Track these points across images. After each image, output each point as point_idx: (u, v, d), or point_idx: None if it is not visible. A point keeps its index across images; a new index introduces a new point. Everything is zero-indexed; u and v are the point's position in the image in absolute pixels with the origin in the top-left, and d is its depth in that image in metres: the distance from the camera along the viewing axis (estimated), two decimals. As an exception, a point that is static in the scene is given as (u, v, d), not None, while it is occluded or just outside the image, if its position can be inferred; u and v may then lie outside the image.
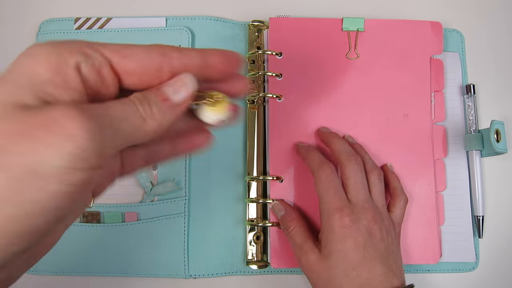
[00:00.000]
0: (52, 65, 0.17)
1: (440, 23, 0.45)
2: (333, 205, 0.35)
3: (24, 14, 0.49)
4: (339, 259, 0.34)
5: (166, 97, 0.19)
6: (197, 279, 0.43)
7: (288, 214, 0.39)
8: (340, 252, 0.34)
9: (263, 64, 0.44)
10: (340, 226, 0.34)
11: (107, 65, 0.18)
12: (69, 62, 0.17)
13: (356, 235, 0.34)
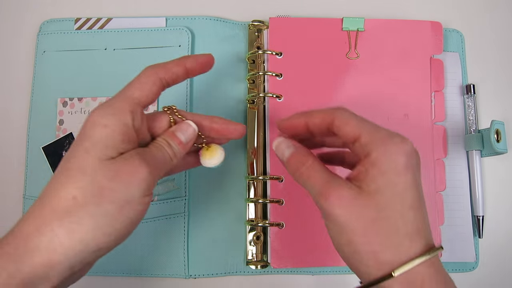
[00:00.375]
0: (123, 132, 0.25)
1: (440, 23, 0.45)
2: (385, 130, 0.27)
3: (24, 14, 0.49)
4: (395, 195, 0.25)
5: (180, 141, 0.29)
6: (197, 279, 0.43)
7: (299, 150, 0.29)
8: (397, 188, 0.25)
9: (263, 64, 0.44)
10: (401, 151, 0.26)
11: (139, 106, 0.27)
12: (129, 124, 0.26)
13: (416, 170, 0.26)
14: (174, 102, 0.44)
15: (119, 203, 0.24)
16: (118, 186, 0.24)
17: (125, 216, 0.24)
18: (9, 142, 0.46)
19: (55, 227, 0.23)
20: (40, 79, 0.46)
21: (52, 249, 0.22)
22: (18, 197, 0.45)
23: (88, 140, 0.25)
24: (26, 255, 0.22)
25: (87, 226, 0.23)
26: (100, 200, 0.23)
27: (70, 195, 0.23)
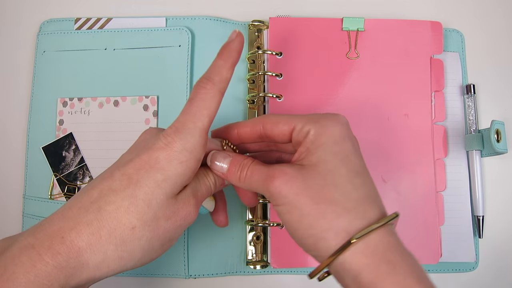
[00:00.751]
0: (194, 168, 0.26)
1: (440, 23, 0.45)
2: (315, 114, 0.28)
3: (24, 14, 0.49)
4: (338, 162, 0.25)
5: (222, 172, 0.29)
6: (197, 279, 0.43)
7: (236, 156, 0.29)
8: (338, 155, 0.25)
9: (263, 64, 0.44)
10: (337, 123, 0.26)
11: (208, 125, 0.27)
12: (201, 160, 0.26)
13: (353, 138, 0.27)
14: (174, 102, 0.44)
15: (164, 241, 0.25)
16: (172, 227, 0.25)
17: (161, 250, 0.26)
18: (9, 142, 0.46)
19: (109, 252, 0.23)
20: (40, 79, 0.46)
21: (99, 268, 0.23)
22: (18, 197, 0.45)
23: (161, 173, 0.24)
24: (77, 270, 0.23)
25: (134, 256, 0.24)
26: (152, 236, 0.24)
27: (131, 225, 0.24)
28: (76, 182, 0.44)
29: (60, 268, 0.22)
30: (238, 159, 0.28)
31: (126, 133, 0.44)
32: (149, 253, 0.25)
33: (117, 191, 0.24)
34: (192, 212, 0.26)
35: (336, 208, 0.24)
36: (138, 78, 0.45)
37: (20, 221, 0.44)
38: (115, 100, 0.45)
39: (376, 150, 0.43)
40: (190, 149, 0.25)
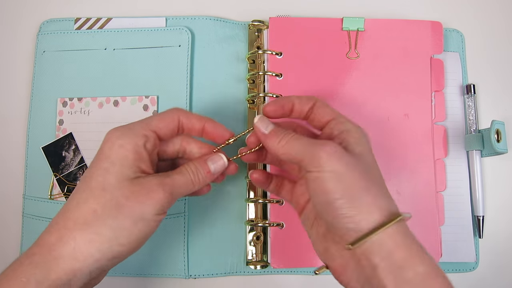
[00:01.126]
0: (135, 151, 0.28)
1: (440, 23, 0.45)
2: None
3: (24, 14, 0.49)
4: (373, 163, 0.30)
5: (209, 170, 0.32)
6: (197, 279, 0.43)
7: (279, 126, 0.32)
8: (372, 159, 0.30)
9: (263, 64, 0.44)
10: (367, 137, 0.31)
11: (154, 133, 0.30)
12: (141, 145, 0.29)
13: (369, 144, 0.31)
14: (174, 102, 0.44)
15: (134, 219, 0.27)
16: (134, 205, 0.27)
17: (139, 230, 0.27)
18: (9, 142, 0.46)
19: (77, 237, 0.25)
20: (40, 79, 0.46)
21: (74, 258, 0.25)
22: (18, 197, 0.45)
23: (107, 161, 0.28)
24: (52, 263, 0.25)
25: (105, 237, 0.26)
26: (117, 215, 0.26)
27: (91, 209, 0.26)
28: (76, 182, 0.44)
29: (36, 265, 0.24)
30: (280, 127, 0.31)
31: (126, 133, 0.44)
32: (121, 231, 0.26)
33: (76, 191, 0.28)
34: (154, 190, 0.28)
35: (380, 189, 0.28)
36: (138, 78, 0.45)
37: (20, 221, 0.44)
38: (115, 100, 0.45)
39: (376, 150, 0.43)
40: (128, 134, 0.29)
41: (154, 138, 0.30)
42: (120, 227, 0.26)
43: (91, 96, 0.45)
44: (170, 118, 0.31)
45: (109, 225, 0.26)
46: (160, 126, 0.31)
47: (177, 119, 0.32)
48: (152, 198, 0.27)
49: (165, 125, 0.31)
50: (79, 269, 0.25)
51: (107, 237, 0.26)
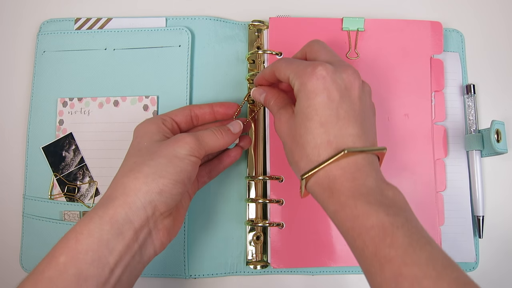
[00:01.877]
0: (158, 126, 0.35)
1: (440, 23, 0.45)
2: (303, 64, 0.31)
3: (24, 15, 0.49)
4: (305, 116, 0.30)
5: (229, 129, 0.37)
6: (197, 279, 0.43)
7: (270, 92, 0.37)
8: (309, 108, 0.30)
9: (263, 64, 0.44)
10: (312, 77, 0.30)
11: (173, 121, 0.37)
12: (160, 123, 0.35)
13: (331, 88, 0.29)
14: (174, 103, 0.44)
15: (168, 157, 0.31)
16: (166, 148, 0.32)
17: (174, 165, 0.31)
18: (9, 142, 0.46)
19: (124, 180, 0.30)
20: (40, 79, 0.46)
21: (125, 194, 0.29)
22: (18, 197, 0.45)
23: (137, 137, 0.34)
24: (109, 203, 0.29)
25: (146, 172, 0.30)
26: (152, 157, 0.31)
27: (132, 161, 0.32)
28: (76, 182, 0.44)
29: (97, 208, 0.29)
30: (270, 92, 0.37)
31: (126, 133, 0.44)
32: (159, 166, 0.31)
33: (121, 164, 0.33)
34: (182, 136, 0.33)
35: (300, 153, 0.30)
36: (138, 78, 0.45)
37: (20, 221, 0.44)
38: (115, 100, 0.45)
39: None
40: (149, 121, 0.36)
41: (171, 120, 0.36)
42: (157, 164, 0.30)
43: (91, 96, 0.45)
44: (182, 110, 0.38)
45: (148, 164, 0.30)
46: (174, 113, 0.37)
47: (188, 109, 0.38)
48: (181, 141, 0.32)
49: (179, 113, 0.38)
50: (132, 201, 0.29)
51: (148, 172, 0.30)
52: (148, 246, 0.31)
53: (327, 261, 0.41)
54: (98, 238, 0.27)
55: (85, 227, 0.27)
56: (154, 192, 0.30)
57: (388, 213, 0.26)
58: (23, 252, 0.43)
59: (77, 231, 0.27)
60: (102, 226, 0.27)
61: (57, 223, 0.43)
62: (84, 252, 0.26)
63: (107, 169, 0.44)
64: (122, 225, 0.28)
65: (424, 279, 0.23)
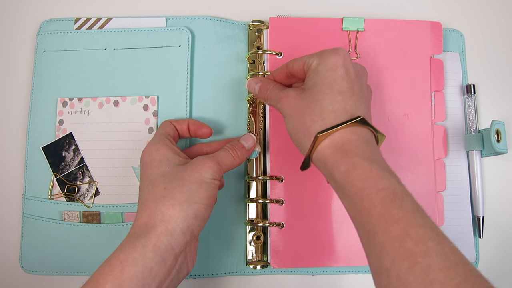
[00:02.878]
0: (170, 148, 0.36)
1: (440, 23, 0.45)
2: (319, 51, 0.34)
3: (24, 14, 0.49)
4: (325, 85, 0.32)
5: (243, 146, 0.38)
6: (197, 279, 0.43)
7: (265, 81, 0.39)
8: (329, 78, 0.32)
9: (263, 64, 0.44)
10: (334, 54, 0.33)
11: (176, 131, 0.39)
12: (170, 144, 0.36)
13: (349, 66, 0.33)
14: (174, 103, 0.44)
15: (198, 182, 0.32)
16: (193, 173, 0.33)
17: (204, 190, 0.32)
18: (9, 142, 0.46)
19: (161, 207, 0.31)
20: (40, 79, 0.46)
21: (165, 221, 0.30)
22: (18, 197, 0.45)
23: (154, 161, 0.34)
24: (151, 230, 0.30)
25: (181, 199, 0.31)
26: (183, 183, 0.32)
27: (162, 188, 0.32)
28: (76, 182, 0.44)
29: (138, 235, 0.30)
30: (265, 82, 0.38)
31: (126, 133, 0.44)
32: (191, 192, 0.32)
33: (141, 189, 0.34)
34: (204, 160, 0.34)
35: (314, 117, 0.31)
36: (138, 78, 0.45)
37: (20, 221, 0.44)
38: (115, 100, 0.45)
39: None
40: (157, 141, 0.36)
41: (172, 135, 0.38)
42: (189, 190, 0.32)
43: (91, 96, 0.45)
44: (170, 125, 0.39)
45: (180, 190, 0.32)
46: (169, 130, 0.39)
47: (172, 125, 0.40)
48: (204, 166, 0.33)
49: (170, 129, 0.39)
50: (172, 229, 0.30)
51: (183, 199, 0.31)
52: (183, 267, 0.33)
53: (327, 261, 0.41)
54: (142, 266, 0.28)
55: (130, 256, 0.28)
56: (191, 217, 0.31)
57: (398, 181, 0.28)
58: (22, 252, 0.43)
59: (122, 259, 0.28)
60: (146, 255, 0.28)
61: (57, 223, 0.43)
62: (129, 280, 0.27)
63: (107, 169, 0.44)
64: (165, 251, 0.29)
65: (429, 240, 0.24)
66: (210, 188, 0.33)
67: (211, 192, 0.33)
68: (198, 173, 0.33)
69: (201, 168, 0.33)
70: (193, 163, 0.34)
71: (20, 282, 0.43)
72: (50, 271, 0.42)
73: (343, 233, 0.41)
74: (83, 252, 0.42)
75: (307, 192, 0.42)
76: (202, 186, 0.32)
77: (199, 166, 0.33)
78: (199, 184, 0.32)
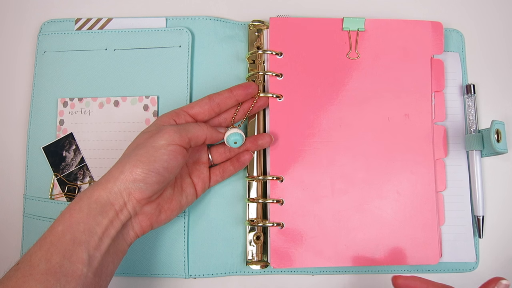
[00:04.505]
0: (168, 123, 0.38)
1: (440, 23, 0.45)
2: None
3: (25, 15, 0.49)
4: None
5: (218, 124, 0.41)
6: (197, 279, 0.43)
7: None
8: None
9: (263, 64, 0.44)
10: None
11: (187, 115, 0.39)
12: (170, 120, 0.38)
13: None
14: (174, 103, 0.44)
15: (146, 148, 0.34)
16: (148, 139, 0.35)
17: (149, 155, 0.34)
18: (10, 142, 0.46)
19: (111, 169, 0.34)
20: (41, 79, 0.46)
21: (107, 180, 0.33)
22: (18, 197, 0.45)
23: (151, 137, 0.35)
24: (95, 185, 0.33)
25: (125, 162, 0.34)
26: (137, 149, 0.34)
27: (126, 152, 0.36)
28: (76, 182, 0.44)
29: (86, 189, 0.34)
30: None
31: (126, 133, 0.44)
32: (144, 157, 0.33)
33: None
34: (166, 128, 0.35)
35: None
36: (138, 78, 0.45)
37: (21, 221, 0.44)
38: (115, 100, 0.45)
39: (376, 150, 0.43)
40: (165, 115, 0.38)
41: (185, 114, 0.39)
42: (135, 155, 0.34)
43: (91, 96, 0.45)
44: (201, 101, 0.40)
45: (128, 155, 0.34)
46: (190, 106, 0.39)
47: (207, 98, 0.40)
48: (161, 131, 0.35)
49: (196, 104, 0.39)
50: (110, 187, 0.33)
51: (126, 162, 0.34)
52: (129, 227, 0.35)
53: (327, 261, 0.41)
54: (86, 213, 0.32)
55: (77, 205, 0.32)
56: (129, 180, 0.33)
57: None
58: (23, 252, 0.43)
59: (71, 208, 0.32)
60: (90, 205, 0.32)
61: (58, 223, 0.43)
62: (76, 222, 0.31)
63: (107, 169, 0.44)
64: (104, 205, 0.32)
65: None
66: (157, 154, 0.34)
67: (157, 157, 0.34)
68: (152, 139, 0.35)
69: (157, 134, 0.35)
70: (156, 131, 0.35)
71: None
72: (51, 271, 0.43)
73: (343, 233, 0.41)
74: (83, 252, 0.42)
75: (307, 192, 0.42)
76: (149, 151, 0.34)
77: (157, 133, 0.35)
78: (146, 149, 0.34)
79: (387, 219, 0.42)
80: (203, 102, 0.39)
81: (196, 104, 0.39)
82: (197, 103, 0.39)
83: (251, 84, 0.41)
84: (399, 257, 0.41)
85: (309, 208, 0.42)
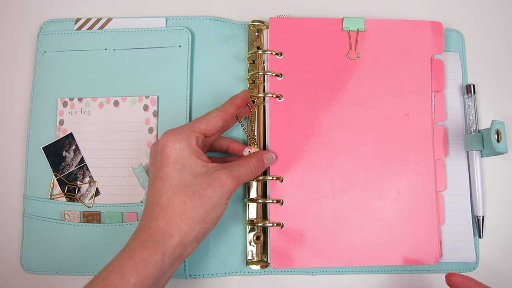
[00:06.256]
0: (194, 151, 0.36)
1: (440, 23, 0.45)
2: None
3: (25, 15, 0.49)
4: None
5: (264, 165, 0.40)
6: (197, 279, 0.43)
7: None
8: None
9: (263, 64, 0.44)
10: None
11: (202, 134, 0.37)
12: (195, 145, 0.36)
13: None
14: (174, 103, 0.44)
15: (213, 205, 0.35)
16: (212, 194, 0.34)
17: (215, 212, 0.35)
18: (9, 142, 0.46)
19: (179, 222, 0.34)
20: (40, 79, 0.46)
21: (181, 236, 0.34)
22: (18, 197, 0.45)
23: (176, 163, 0.35)
24: (168, 239, 0.33)
25: (197, 219, 0.34)
26: (201, 204, 0.34)
27: (181, 201, 0.34)
28: (76, 182, 0.44)
29: (157, 241, 0.33)
30: None
31: (126, 133, 0.44)
32: (205, 215, 0.34)
33: (159, 188, 0.35)
34: (226, 180, 0.35)
35: None
36: (138, 78, 0.45)
37: (21, 221, 0.44)
38: (115, 100, 0.45)
39: (376, 150, 0.43)
40: (183, 137, 0.36)
41: (202, 136, 0.37)
42: (204, 212, 0.34)
43: (91, 96, 0.45)
44: (214, 121, 0.38)
45: (197, 211, 0.34)
46: (205, 126, 0.38)
47: (220, 119, 0.38)
48: (226, 188, 0.35)
49: (210, 125, 0.38)
50: (185, 243, 0.34)
51: (198, 219, 0.34)
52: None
53: (327, 261, 0.41)
54: (160, 269, 0.33)
55: (152, 258, 0.32)
56: (201, 235, 0.35)
57: None
58: (23, 252, 0.43)
59: (145, 260, 0.32)
60: (164, 260, 0.33)
61: (58, 223, 0.43)
62: (149, 277, 0.32)
63: (107, 169, 0.44)
64: (176, 259, 0.34)
65: None
66: (222, 210, 0.36)
67: (221, 213, 0.36)
68: (217, 196, 0.35)
69: (221, 189, 0.35)
70: (215, 179, 0.35)
71: (20, 282, 0.43)
72: (51, 271, 0.43)
73: (343, 233, 0.41)
74: (83, 252, 0.42)
75: (307, 192, 0.42)
76: (215, 209, 0.35)
77: (219, 187, 0.35)
78: (213, 206, 0.35)
79: (387, 219, 0.42)
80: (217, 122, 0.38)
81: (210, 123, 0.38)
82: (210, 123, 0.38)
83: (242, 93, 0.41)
84: (399, 257, 0.41)
85: (309, 208, 0.42)
